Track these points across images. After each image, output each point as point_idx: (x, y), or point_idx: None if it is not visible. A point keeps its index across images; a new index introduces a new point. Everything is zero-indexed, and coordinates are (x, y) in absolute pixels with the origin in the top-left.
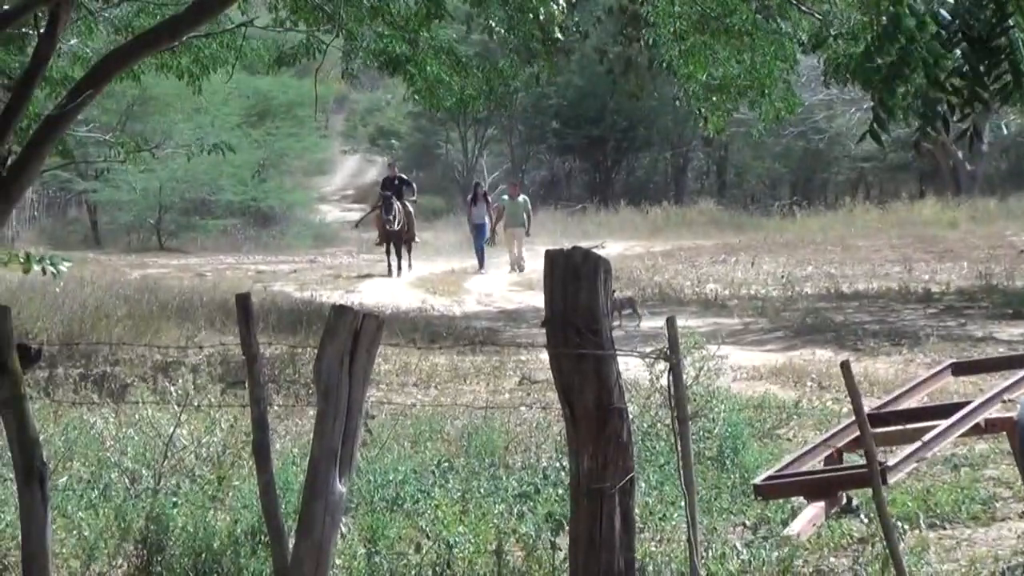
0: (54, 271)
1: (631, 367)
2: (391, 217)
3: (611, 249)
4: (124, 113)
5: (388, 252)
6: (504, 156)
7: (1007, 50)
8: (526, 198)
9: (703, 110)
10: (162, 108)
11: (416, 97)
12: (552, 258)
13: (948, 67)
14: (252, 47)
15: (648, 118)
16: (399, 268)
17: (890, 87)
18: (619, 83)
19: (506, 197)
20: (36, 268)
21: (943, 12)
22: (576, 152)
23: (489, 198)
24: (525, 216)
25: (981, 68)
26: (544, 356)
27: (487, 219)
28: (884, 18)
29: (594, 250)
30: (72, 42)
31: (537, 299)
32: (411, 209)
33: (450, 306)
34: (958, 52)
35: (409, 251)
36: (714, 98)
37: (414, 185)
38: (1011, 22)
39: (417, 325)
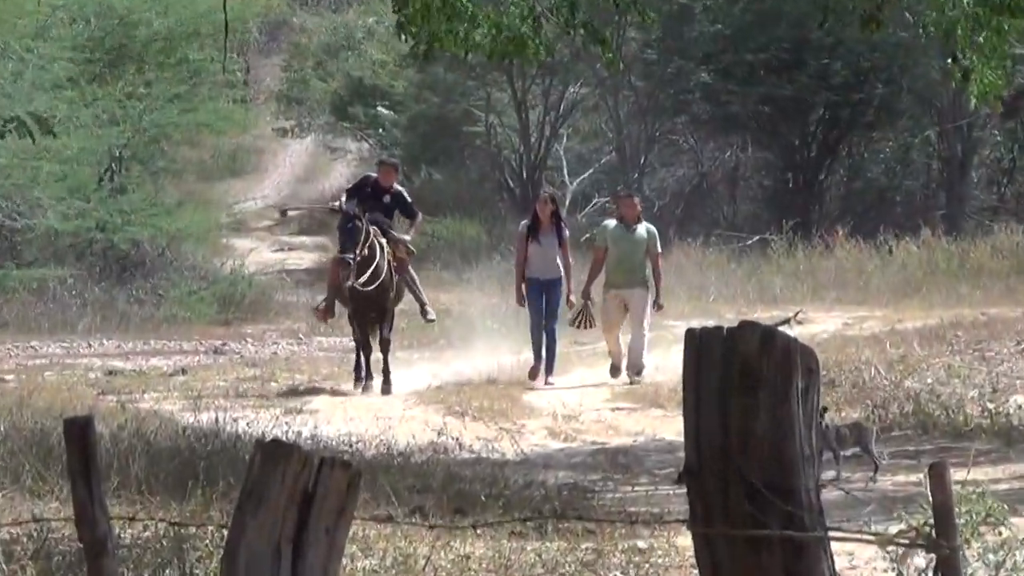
0: None
1: (859, 560)
2: (351, 258)
3: (816, 325)
4: None
5: (356, 338)
6: (604, 140)
7: None
8: (651, 228)
9: (965, 54)
10: None
11: (408, 34)
12: (700, 343)
13: None
14: None
15: (892, 66)
16: (370, 371)
17: None
18: None
19: (610, 223)
20: None
21: None
22: (748, 131)
23: (565, 225)
24: (648, 264)
25: None
26: (684, 541)
27: (561, 267)
28: None
29: (783, 328)
30: None
31: (667, 426)
32: (404, 254)
33: (495, 440)
34: None
35: (386, 343)
36: (985, 35)
37: (419, 214)
38: None
39: (430, 479)
